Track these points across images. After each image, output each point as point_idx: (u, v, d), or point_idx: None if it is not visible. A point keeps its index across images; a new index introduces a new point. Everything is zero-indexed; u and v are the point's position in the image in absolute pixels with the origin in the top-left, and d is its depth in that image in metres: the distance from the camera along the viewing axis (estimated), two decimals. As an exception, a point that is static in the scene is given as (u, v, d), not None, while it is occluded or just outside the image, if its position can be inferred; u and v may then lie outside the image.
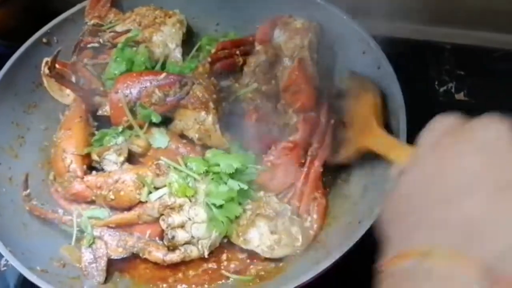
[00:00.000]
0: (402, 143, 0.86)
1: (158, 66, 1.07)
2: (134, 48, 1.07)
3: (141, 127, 0.99)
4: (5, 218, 0.95)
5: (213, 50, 1.07)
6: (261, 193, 0.94)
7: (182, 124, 0.99)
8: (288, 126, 1.00)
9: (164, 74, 0.98)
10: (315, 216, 0.94)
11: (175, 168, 0.92)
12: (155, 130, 1.00)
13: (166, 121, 1.00)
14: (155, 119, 0.97)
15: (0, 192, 0.98)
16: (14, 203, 0.98)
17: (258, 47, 1.04)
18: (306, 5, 1.08)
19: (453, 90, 1.21)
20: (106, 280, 0.90)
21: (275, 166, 0.97)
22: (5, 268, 1.03)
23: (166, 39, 1.10)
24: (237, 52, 1.05)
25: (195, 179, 0.91)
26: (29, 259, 0.89)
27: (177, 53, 1.11)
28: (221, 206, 0.89)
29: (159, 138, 0.99)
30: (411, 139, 0.83)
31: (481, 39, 1.23)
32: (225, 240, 0.93)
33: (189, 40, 1.16)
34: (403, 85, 0.96)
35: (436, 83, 1.21)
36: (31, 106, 1.10)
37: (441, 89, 1.21)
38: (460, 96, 1.20)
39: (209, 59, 1.04)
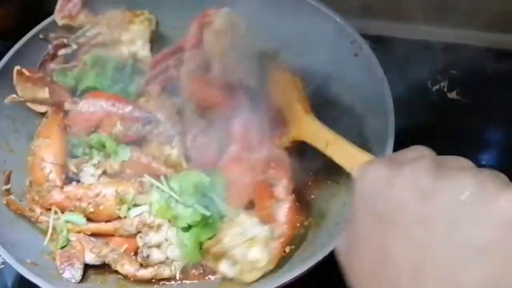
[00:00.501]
0: (337, 137, 0.83)
1: (128, 69, 1.07)
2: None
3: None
4: (-3, 210, 0.96)
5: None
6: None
7: (147, 154, 0.99)
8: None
9: (131, 107, 0.99)
10: (282, 220, 0.90)
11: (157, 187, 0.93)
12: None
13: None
14: (110, 145, 0.98)
15: (-7, 185, 1.00)
16: (7, 195, 0.99)
17: (186, 54, 1.00)
18: (296, 5, 1.08)
19: (445, 89, 1.21)
20: (84, 279, 0.92)
21: (229, 183, 0.93)
22: (3, 266, 1.04)
23: (134, 36, 1.10)
24: (170, 64, 1.01)
25: (176, 200, 0.91)
26: (20, 251, 0.90)
27: (145, 51, 1.10)
28: (188, 229, 0.89)
29: (121, 152, 0.99)
30: (402, 140, 0.85)
31: (474, 39, 1.23)
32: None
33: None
34: (395, 84, 0.97)
35: (429, 82, 1.22)
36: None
37: (434, 88, 1.22)
38: (453, 95, 1.21)
39: (143, 81, 1.02)
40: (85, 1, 1.15)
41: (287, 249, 0.92)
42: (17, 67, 1.08)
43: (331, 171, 1.01)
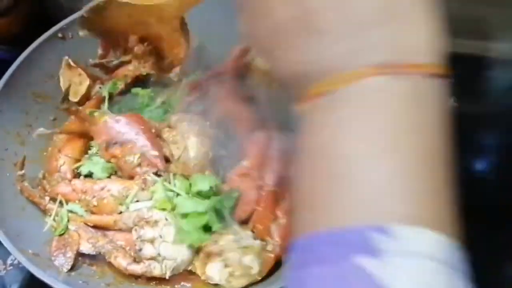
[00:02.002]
0: None
1: None
2: None
3: None
4: (4, 201, 0.99)
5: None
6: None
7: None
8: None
9: (157, 153, 0.98)
10: (276, 238, 0.92)
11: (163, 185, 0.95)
12: None
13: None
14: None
15: (3, 175, 1.03)
16: (15, 187, 1.02)
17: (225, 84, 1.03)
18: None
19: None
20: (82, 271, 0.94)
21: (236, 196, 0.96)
22: (11, 267, 1.05)
23: None
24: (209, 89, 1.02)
25: (178, 194, 0.94)
26: (23, 241, 0.93)
27: None
28: (186, 216, 0.91)
29: None
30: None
31: (470, 47, 1.23)
32: (189, 267, 0.93)
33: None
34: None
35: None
36: (41, 96, 1.14)
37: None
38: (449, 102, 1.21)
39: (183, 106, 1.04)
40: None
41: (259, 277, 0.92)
42: (65, 57, 1.13)
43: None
